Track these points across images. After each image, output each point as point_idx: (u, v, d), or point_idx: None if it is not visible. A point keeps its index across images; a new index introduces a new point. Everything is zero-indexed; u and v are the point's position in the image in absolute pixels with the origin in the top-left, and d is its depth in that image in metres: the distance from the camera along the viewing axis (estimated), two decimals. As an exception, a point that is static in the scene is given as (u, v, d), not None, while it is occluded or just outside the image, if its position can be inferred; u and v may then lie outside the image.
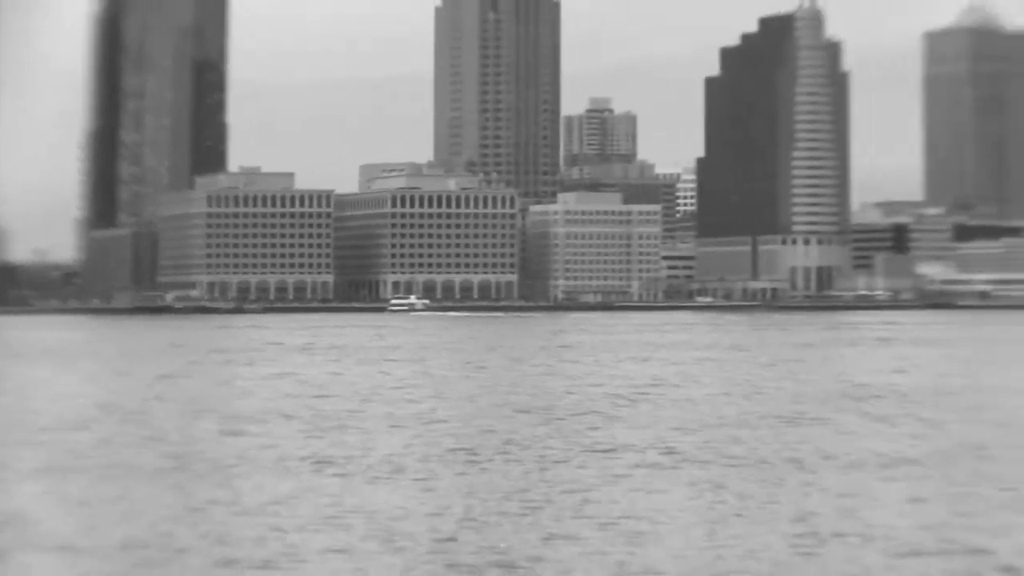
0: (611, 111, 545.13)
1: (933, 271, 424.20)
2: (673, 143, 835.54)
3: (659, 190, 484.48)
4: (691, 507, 36.66)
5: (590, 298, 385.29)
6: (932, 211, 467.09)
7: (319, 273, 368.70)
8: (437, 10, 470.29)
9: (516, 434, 56.23)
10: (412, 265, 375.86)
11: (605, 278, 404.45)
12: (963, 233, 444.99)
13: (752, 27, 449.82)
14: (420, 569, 27.73)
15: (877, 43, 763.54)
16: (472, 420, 63.55)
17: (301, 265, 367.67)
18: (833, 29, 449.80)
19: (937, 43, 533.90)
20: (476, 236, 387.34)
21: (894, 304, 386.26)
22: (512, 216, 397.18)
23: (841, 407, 71.59)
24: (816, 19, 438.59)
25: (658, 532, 32.10)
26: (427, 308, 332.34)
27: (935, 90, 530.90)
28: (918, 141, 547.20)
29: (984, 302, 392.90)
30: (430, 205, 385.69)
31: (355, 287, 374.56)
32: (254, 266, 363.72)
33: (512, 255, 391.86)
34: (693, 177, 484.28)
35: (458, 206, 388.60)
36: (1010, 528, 32.72)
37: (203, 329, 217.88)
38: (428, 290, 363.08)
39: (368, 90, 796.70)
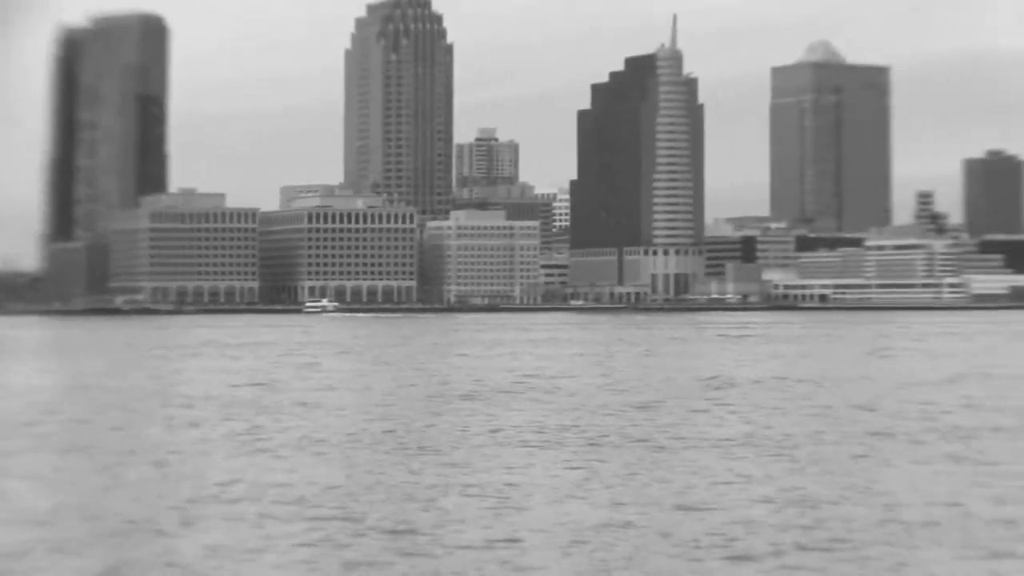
0: (496, 140, 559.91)
1: (777, 277, 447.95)
2: (550, 167, 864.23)
3: (538, 208, 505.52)
4: (559, 479, 37.07)
5: (478, 301, 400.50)
6: (777, 225, 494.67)
7: (246, 280, 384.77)
8: (347, 52, 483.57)
9: (408, 416, 56.67)
10: (325, 273, 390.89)
11: (491, 284, 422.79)
12: (804, 244, 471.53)
13: (619, 66, 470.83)
14: (320, 532, 28.07)
15: (730, 78, 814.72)
16: (371, 407, 63.15)
17: (231, 273, 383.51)
18: (690, 67, 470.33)
19: (782, 77, 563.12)
20: (380, 248, 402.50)
21: (743, 306, 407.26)
22: (411, 231, 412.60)
23: (693, 394, 71.66)
24: (675, 58, 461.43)
25: (529, 501, 32.61)
26: (337, 310, 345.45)
27: (780, 118, 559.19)
28: (765, 163, 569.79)
29: (823, 304, 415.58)
30: (341, 221, 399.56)
31: (277, 291, 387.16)
32: (191, 273, 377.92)
33: (411, 264, 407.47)
34: (567, 197, 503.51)
35: (365, 222, 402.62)
36: (839, 499, 33.05)
37: (147, 328, 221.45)
38: (339, 294, 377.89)
39: (288, 120, 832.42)
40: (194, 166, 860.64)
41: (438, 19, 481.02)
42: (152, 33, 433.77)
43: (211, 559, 24.97)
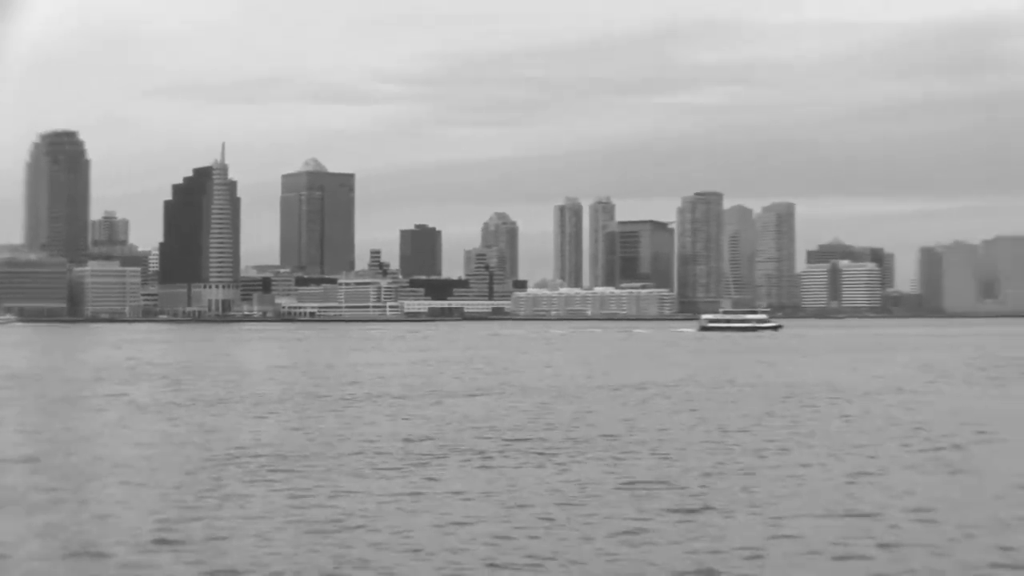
0: (116, 218, 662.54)
1: (284, 302, 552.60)
2: (148, 235, 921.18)
3: (140, 259, 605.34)
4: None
5: (104, 315, 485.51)
6: (284, 269, 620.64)
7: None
8: (26, 163, 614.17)
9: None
10: (12, 298, 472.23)
11: (112, 305, 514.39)
12: (301, 281, 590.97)
13: (190, 173, 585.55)
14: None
15: (257, 181, 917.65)
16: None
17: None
18: (232, 174, 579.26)
19: (288, 180, 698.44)
20: (46, 283, 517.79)
21: (263, 319, 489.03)
22: (63, 273, 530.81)
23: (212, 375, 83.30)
24: (223, 169, 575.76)
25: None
26: (17, 321, 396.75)
27: (287, 205, 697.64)
28: (277, 232, 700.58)
29: (313, 318, 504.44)
30: (23, 266, 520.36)
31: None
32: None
33: (63, 293, 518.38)
34: (158, 252, 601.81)
35: (36, 267, 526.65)
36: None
37: None
38: (21, 312, 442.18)
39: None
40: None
41: (81, 143, 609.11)
42: None
43: None
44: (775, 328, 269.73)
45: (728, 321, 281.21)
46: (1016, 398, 72.66)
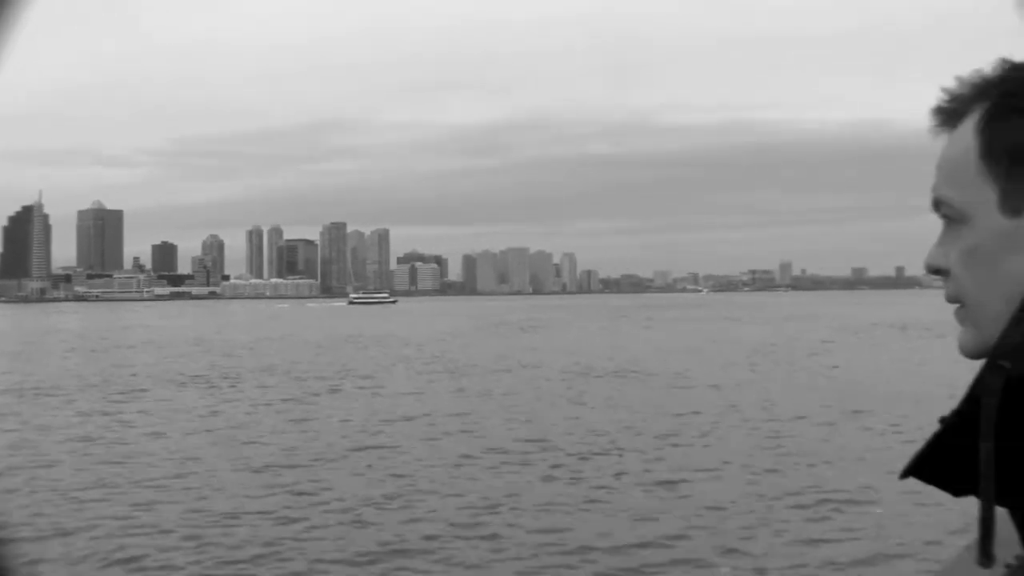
0: None
1: (81, 288, 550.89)
2: None
3: None
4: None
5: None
6: (79, 269, 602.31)
7: None
8: None
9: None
10: None
11: None
12: (91, 276, 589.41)
13: (20, 209, 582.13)
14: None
15: (67, 213, 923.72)
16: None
17: None
18: (47, 209, 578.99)
19: (83, 214, 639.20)
20: None
21: (67, 300, 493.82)
22: None
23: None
24: (40, 206, 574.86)
25: None
26: None
27: (81, 230, 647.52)
28: (75, 247, 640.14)
29: (98, 299, 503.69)
30: None
31: None
32: None
33: None
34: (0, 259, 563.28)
35: None
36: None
37: None
38: None
39: None
40: None
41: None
42: None
43: None
44: (393, 303, 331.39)
45: (365, 299, 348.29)
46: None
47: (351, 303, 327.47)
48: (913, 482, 1.27)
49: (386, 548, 17.42)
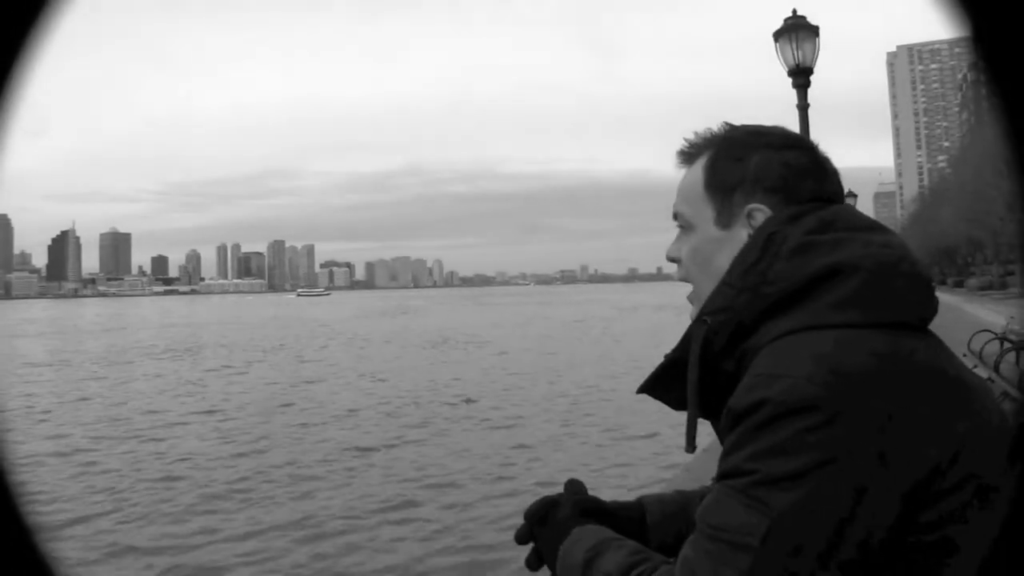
0: None
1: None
2: None
3: None
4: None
5: None
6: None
7: None
8: None
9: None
10: None
11: None
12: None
13: None
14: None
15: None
16: None
17: None
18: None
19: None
20: None
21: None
22: None
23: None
24: (73, 233, 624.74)
25: None
26: None
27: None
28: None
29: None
30: None
31: None
32: None
33: None
34: None
35: None
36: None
37: None
38: None
39: None
40: None
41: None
42: None
43: None
44: (328, 295, 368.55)
45: (308, 293, 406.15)
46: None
47: (299, 295, 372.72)
48: None
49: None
